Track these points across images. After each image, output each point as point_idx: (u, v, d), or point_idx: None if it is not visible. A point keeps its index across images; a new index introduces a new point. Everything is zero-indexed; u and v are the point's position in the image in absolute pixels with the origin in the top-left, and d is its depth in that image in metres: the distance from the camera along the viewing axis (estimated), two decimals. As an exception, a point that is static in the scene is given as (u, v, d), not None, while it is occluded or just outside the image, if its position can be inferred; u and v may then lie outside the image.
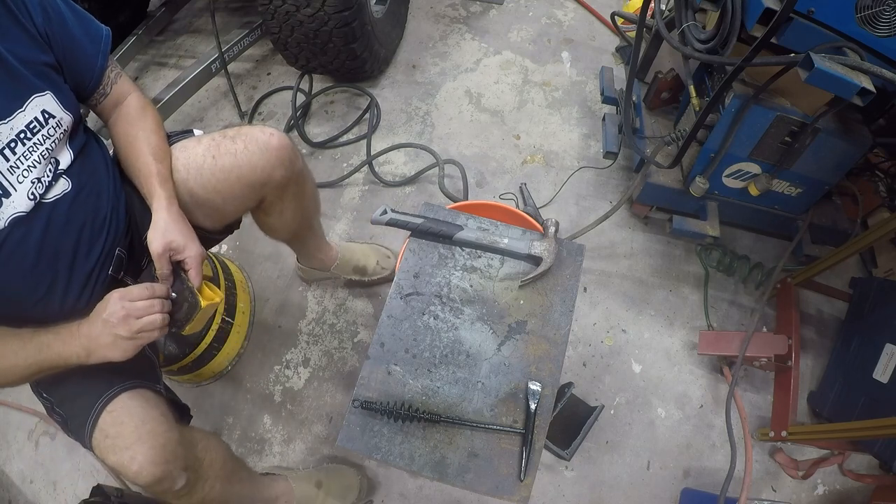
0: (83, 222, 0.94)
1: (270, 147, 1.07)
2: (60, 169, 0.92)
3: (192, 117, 2.19)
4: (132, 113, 1.04)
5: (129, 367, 0.95)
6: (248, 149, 1.06)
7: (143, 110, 1.05)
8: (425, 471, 0.90)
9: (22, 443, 1.58)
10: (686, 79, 1.40)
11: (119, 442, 0.87)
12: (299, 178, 1.19)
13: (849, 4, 1.01)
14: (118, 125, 1.04)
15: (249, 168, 1.06)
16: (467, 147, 2.02)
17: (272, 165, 1.09)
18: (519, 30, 2.37)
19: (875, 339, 1.37)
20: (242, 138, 1.07)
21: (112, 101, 1.04)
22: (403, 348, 0.99)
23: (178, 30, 2.56)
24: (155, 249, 0.94)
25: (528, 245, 1.06)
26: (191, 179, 1.04)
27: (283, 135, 1.11)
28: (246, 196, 1.11)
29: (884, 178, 1.67)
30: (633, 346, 1.64)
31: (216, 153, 1.05)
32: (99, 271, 0.97)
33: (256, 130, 1.08)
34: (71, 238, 0.92)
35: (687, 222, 1.56)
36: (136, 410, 0.90)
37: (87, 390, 0.92)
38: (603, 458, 1.49)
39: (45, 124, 0.88)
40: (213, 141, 1.07)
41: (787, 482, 1.47)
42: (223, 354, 1.57)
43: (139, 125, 1.03)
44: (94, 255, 0.96)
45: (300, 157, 1.18)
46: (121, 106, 1.05)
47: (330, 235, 1.83)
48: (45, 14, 0.88)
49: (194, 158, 1.05)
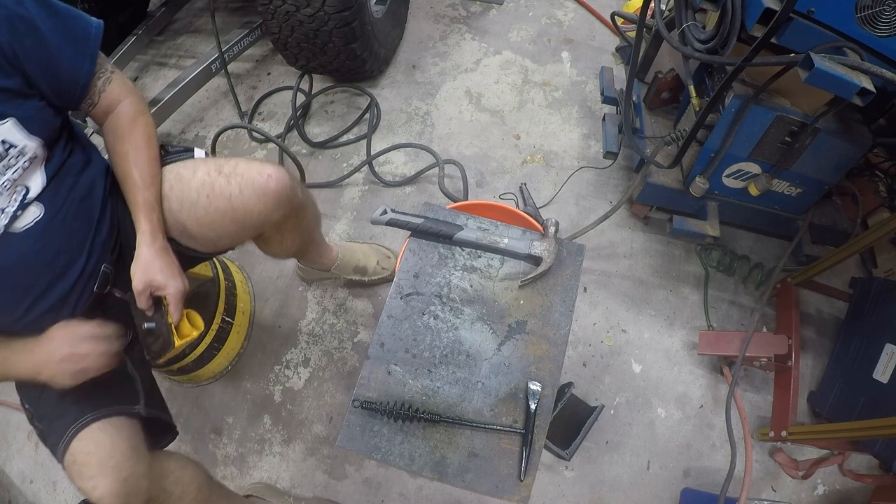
0: (58, 248, 0.92)
1: (268, 191, 1.01)
2: (30, 197, 0.89)
3: (192, 117, 2.19)
4: (122, 126, 0.98)
5: (104, 389, 0.96)
6: (244, 193, 1.00)
7: (134, 122, 0.99)
8: (425, 471, 0.90)
9: (22, 443, 1.58)
10: (686, 79, 1.40)
11: (85, 471, 0.89)
12: (299, 210, 1.15)
13: (849, 4, 1.01)
14: (108, 137, 1.00)
15: (245, 212, 1.01)
16: (467, 147, 2.02)
17: (270, 209, 1.04)
18: (519, 30, 2.37)
19: (875, 339, 1.37)
20: (238, 179, 1.00)
21: (102, 110, 0.98)
22: (403, 348, 0.99)
23: (178, 30, 2.56)
24: (136, 286, 0.94)
25: (528, 245, 1.06)
26: (184, 213, 1.00)
27: (282, 173, 1.04)
28: (241, 234, 1.08)
29: (884, 178, 1.67)
30: (633, 346, 1.64)
31: (210, 193, 0.99)
32: (81, 290, 0.96)
33: (253, 171, 1.01)
34: (45, 264, 0.91)
35: (687, 222, 1.56)
36: (104, 443, 0.91)
37: (62, 413, 0.94)
38: (603, 458, 1.49)
39: (6, 155, 0.83)
40: (208, 177, 1.00)
41: (787, 482, 1.47)
42: (223, 354, 1.57)
43: (128, 140, 0.98)
44: (73, 277, 0.95)
45: (299, 189, 1.12)
46: (111, 115, 0.99)
47: (330, 235, 1.83)
48: (12, 30, 0.81)
49: (188, 194, 1.00)
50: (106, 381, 0.99)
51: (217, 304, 1.50)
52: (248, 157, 1.07)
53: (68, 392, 0.93)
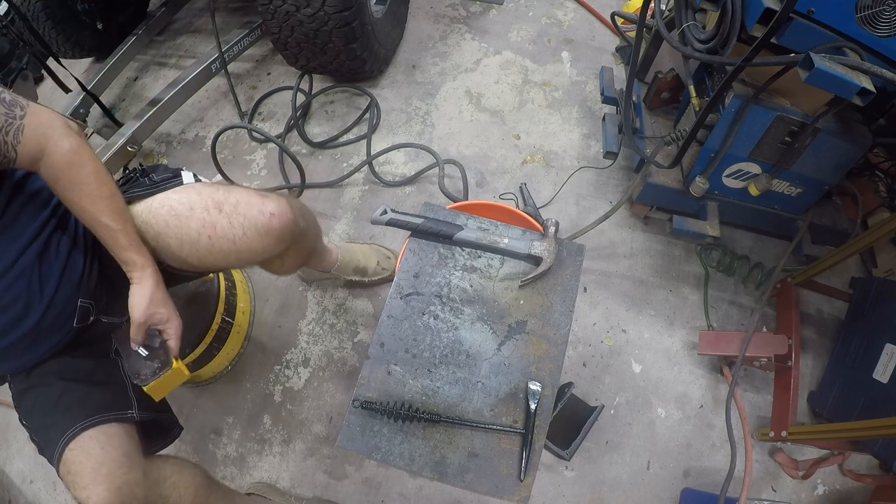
0: (5, 304, 0.90)
1: (272, 230, 1.01)
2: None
3: (192, 117, 2.19)
4: (62, 173, 0.87)
5: (95, 396, 0.97)
6: (247, 235, 0.99)
7: (72, 165, 0.87)
8: (425, 471, 0.90)
9: (22, 443, 1.58)
10: (686, 79, 1.40)
11: (78, 480, 0.89)
12: (300, 238, 1.13)
13: (849, 4, 1.01)
14: (51, 185, 0.90)
15: (249, 252, 1.01)
16: (467, 147, 2.02)
17: (273, 246, 1.04)
18: (519, 30, 2.37)
19: (875, 339, 1.37)
20: (240, 220, 0.98)
21: (27, 162, 0.86)
22: (403, 348, 0.99)
23: (178, 30, 2.56)
24: (136, 318, 0.94)
25: (528, 245, 1.06)
26: (185, 251, 0.99)
27: (284, 208, 1.02)
28: (244, 266, 1.10)
29: (884, 178, 1.67)
30: (633, 346, 1.64)
31: (212, 234, 0.97)
32: (55, 331, 0.96)
33: (255, 210, 0.99)
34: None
35: (687, 222, 1.56)
36: (95, 451, 0.91)
37: (54, 423, 0.94)
38: (603, 458, 1.49)
39: None
40: (208, 215, 0.97)
41: (787, 482, 1.47)
42: (223, 354, 1.57)
43: (76, 188, 0.88)
44: (31, 322, 0.92)
45: (301, 217, 1.10)
46: (43, 164, 0.87)
47: (330, 235, 1.83)
48: None
49: (188, 233, 0.97)
50: (98, 387, 0.99)
51: (217, 304, 1.50)
52: (245, 188, 1.05)
53: (59, 401, 0.93)
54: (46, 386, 0.98)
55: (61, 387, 0.97)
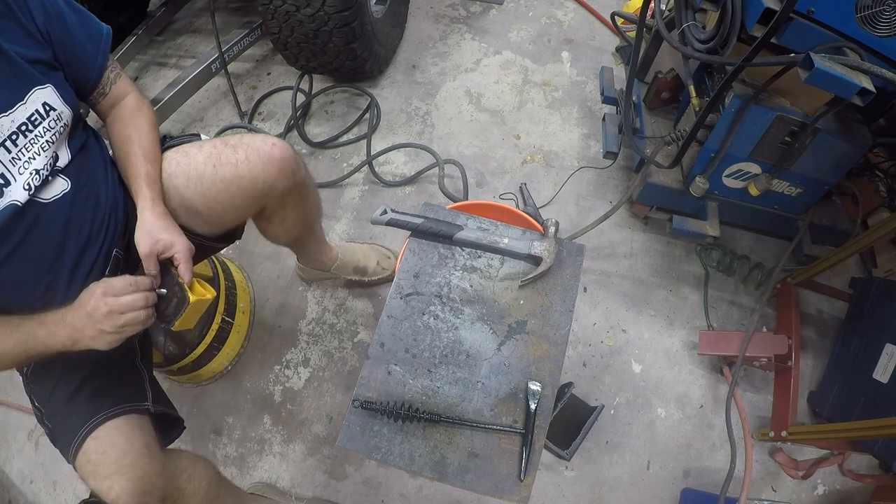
0: (81, 222, 0.95)
1: (273, 158, 1.06)
2: (59, 166, 0.93)
3: (192, 117, 2.19)
4: (127, 113, 1.05)
5: (116, 386, 0.97)
6: (250, 160, 1.04)
7: (139, 111, 1.06)
8: (425, 471, 0.90)
9: (22, 443, 1.58)
10: (686, 79, 1.40)
11: (100, 470, 0.88)
12: (301, 187, 1.18)
13: (849, 4, 1.01)
14: (114, 125, 1.05)
15: (250, 179, 1.05)
16: (467, 147, 2.02)
17: (274, 177, 1.07)
18: (519, 30, 2.37)
19: (875, 339, 1.37)
20: (244, 148, 1.04)
21: (110, 101, 1.05)
22: (403, 348, 0.99)
23: (178, 30, 2.56)
24: (142, 250, 0.94)
25: (528, 245, 1.06)
26: (191, 188, 1.03)
27: (286, 144, 1.09)
28: (247, 206, 1.10)
29: (884, 178, 1.67)
30: (633, 346, 1.64)
31: (217, 162, 1.03)
32: (97, 273, 0.98)
33: (258, 140, 1.06)
34: (72, 238, 0.93)
35: (687, 222, 1.56)
36: (119, 441, 0.90)
37: (74, 411, 0.94)
38: (603, 458, 1.49)
39: (46, 116, 0.89)
40: (215, 149, 1.05)
41: (787, 482, 1.47)
42: (223, 354, 1.57)
43: (133, 125, 1.03)
44: (92, 255, 0.97)
45: (302, 165, 1.17)
46: (118, 106, 1.06)
47: (330, 235, 1.83)
48: (45, 13, 0.90)
49: (195, 166, 1.04)
50: (119, 378, 0.99)
51: (217, 304, 1.50)
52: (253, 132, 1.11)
53: (81, 389, 0.93)
54: (67, 371, 0.97)
55: (83, 374, 0.97)
